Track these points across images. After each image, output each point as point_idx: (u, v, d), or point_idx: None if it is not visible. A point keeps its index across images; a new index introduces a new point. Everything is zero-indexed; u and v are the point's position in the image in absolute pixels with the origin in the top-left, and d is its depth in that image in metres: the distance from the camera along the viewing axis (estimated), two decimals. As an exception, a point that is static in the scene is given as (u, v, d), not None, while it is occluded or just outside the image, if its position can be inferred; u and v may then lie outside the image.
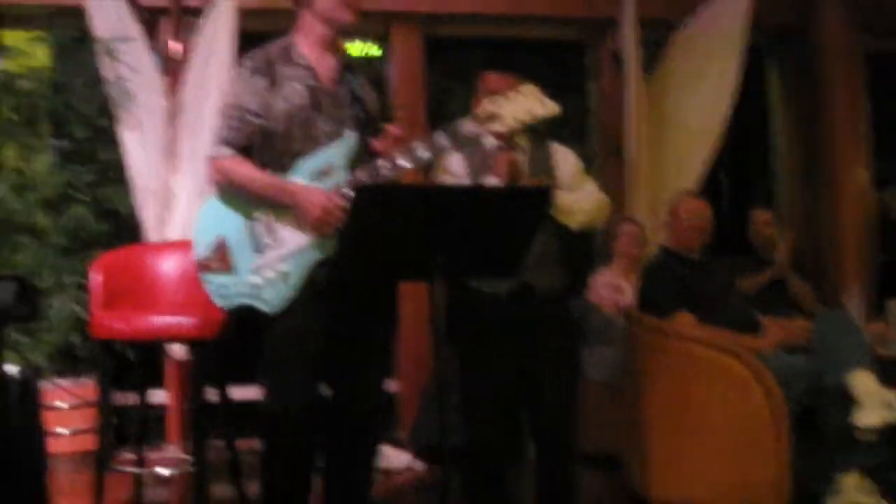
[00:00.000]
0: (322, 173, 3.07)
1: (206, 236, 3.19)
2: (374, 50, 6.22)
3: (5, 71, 5.41)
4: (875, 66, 6.53)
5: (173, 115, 5.26)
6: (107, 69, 5.16)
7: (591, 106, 6.30)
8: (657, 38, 5.98)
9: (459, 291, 3.51)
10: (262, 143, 3.17)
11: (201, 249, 3.18)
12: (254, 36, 5.30)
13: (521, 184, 3.45)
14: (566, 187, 3.67)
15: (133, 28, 5.30)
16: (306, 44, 3.24)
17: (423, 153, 2.99)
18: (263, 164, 3.17)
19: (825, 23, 6.29)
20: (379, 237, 2.81)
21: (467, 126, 2.94)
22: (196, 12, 5.45)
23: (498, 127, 2.88)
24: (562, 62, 6.47)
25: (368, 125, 3.21)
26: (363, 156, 3.13)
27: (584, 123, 6.22)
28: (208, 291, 3.17)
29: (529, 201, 2.96)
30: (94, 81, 5.27)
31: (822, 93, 6.33)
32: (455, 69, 6.31)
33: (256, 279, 3.10)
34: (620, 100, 5.83)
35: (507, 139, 3.37)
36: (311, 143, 3.13)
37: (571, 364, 3.76)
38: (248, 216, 3.15)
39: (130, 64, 5.19)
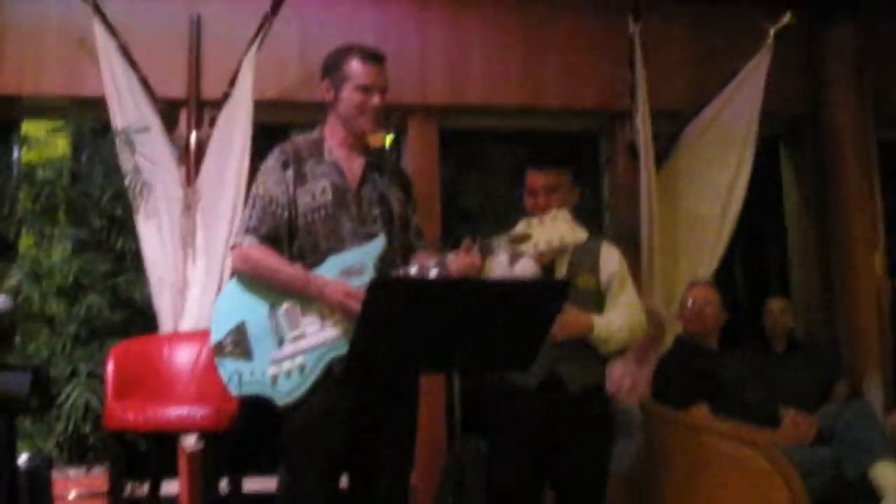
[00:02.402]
0: (351, 272, 3.10)
1: (226, 320, 3.19)
2: (385, 140, 6.28)
3: (25, 161, 5.49)
4: (888, 152, 6.57)
5: (190, 206, 5.29)
6: (125, 159, 5.20)
7: (605, 197, 6.32)
8: (671, 129, 6.01)
9: (489, 382, 3.52)
10: (289, 236, 3.21)
11: (219, 333, 3.18)
12: (270, 128, 5.42)
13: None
14: (605, 288, 3.69)
15: (151, 119, 5.36)
16: (334, 141, 3.31)
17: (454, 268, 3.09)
18: (290, 258, 3.20)
19: (837, 111, 6.32)
20: (396, 330, 2.81)
21: (501, 245, 3.06)
22: (213, 104, 5.52)
23: (529, 249, 3.02)
24: (576, 153, 6.51)
25: (393, 223, 3.26)
26: (393, 257, 3.20)
27: (599, 214, 6.23)
28: (221, 376, 3.16)
29: (547, 295, 2.96)
30: (112, 171, 5.31)
31: (835, 180, 6.34)
32: (468, 160, 6.36)
33: (275, 370, 3.09)
34: (635, 190, 5.85)
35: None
36: (336, 240, 3.16)
37: (600, 462, 3.73)
38: (273, 306, 3.15)
39: (148, 154, 5.24)
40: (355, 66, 3.27)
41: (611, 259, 3.81)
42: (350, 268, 3.11)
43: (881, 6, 6.40)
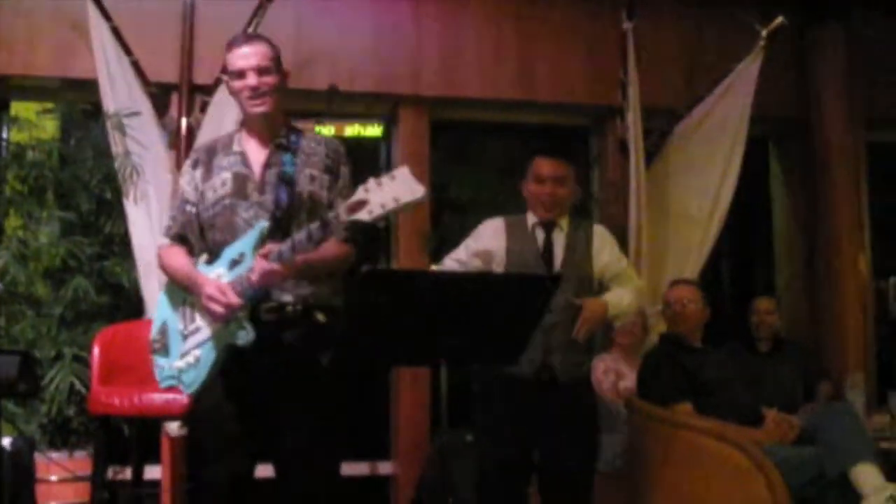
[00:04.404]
0: (236, 262, 3.08)
1: (158, 319, 3.28)
2: (374, 131, 6.26)
3: (14, 142, 5.46)
4: (875, 156, 6.62)
5: (178, 190, 5.27)
6: (115, 143, 5.19)
7: (594, 192, 6.33)
8: (662, 126, 6.03)
9: (479, 372, 3.53)
10: (200, 232, 3.24)
11: (154, 331, 3.27)
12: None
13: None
14: (601, 270, 3.74)
15: (142, 103, 5.35)
16: (247, 130, 3.30)
17: (300, 242, 2.94)
18: (204, 253, 3.24)
19: (826, 113, 6.36)
20: (384, 321, 2.81)
21: (339, 216, 2.84)
22: (204, 89, 5.51)
23: (364, 215, 2.77)
24: (567, 148, 6.51)
25: (295, 207, 3.16)
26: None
27: (588, 210, 6.24)
28: (153, 370, 3.24)
29: (537, 288, 2.97)
30: (102, 154, 5.30)
31: (823, 181, 6.38)
32: (458, 152, 6.36)
33: (180, 363, 3.15)
34: (624, 187, 5.87)
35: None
36: (232, 230, 3.15)
37: (588, 453, 3.78)
38: (181, 304, 3.22)
39: (138, 138, 5.22)
40: (228, 56, 3.25)
41: (605, 243, 3.94)
42: (234, 258, 3.09)
43: (871, 10, 6.44)
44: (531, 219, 3.89)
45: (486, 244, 3.84)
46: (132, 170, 5.16)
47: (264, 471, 3.20)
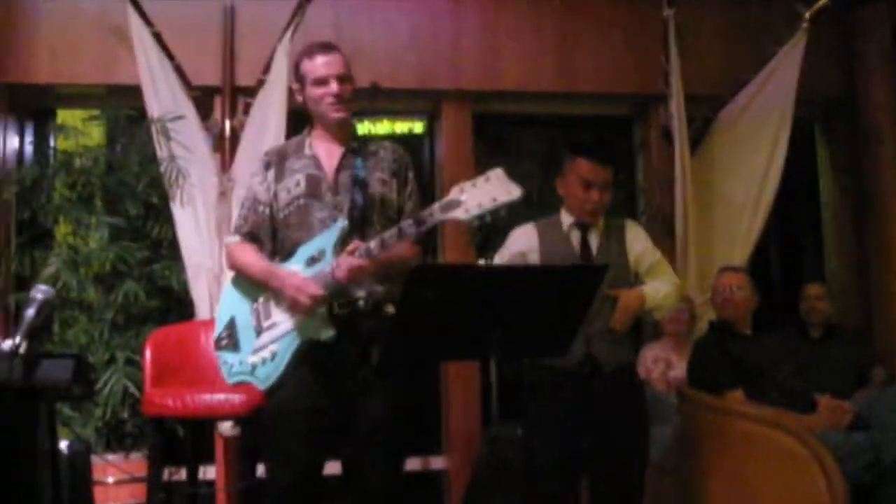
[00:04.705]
0: (314, 259, 3.18)
1: (223, 316, 3.37)
2: (417, 126, 6.29)
3: (62, 150, 5.53)
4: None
5: (224, 193, 5.32)
6: (160, 147, 5.24)
7: (639, 182, 6.30)
8: (706, 113, 5.98)
9: (524, 367, 3.53)
10: (273, 232, 3.35)
11: (219, 328, 3.36)
12: (304, 114, 5.42)
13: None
14: (636, 262, 3.74)
15: (186, 107, 5.39)
16: (318, 134, 3.43)
17: (391, 239, 3.07)
18: (274, 252, 3.35)
19: (872, 94, 6.26)
20: (433, 317, 2.82)
21: (433, 214, 2.98)
22: (248, 91, 5.54)
23: (460, 214, 2.91)
24: (610, 138, 6.48)
25: (368, 208, 3.28)
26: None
27: (634, 199, 6.21)
28: (220, 367, 3.34)
29: (584, 279, 2.97)
30: (148, 159, 5.36)
31: (871, 164, 6.28)
32: (500, 144, 6.35)
33: (254, 359, 3.23)
34: (669, 175, 5.83)
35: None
36: (307, 229, 3.27)
37: (639, 443, 3.76)
38: (254, 300, 3.31)
39: (183, 142, 5.27)
40: (306, 64, 3.39)
41: (638, 236, 3.91)
42: (313, 255, 3.19)
43: (916, -12, 6.34)
44: (566, 219, 3.85)
45: (520, 247, 3.83)
46: (178, 173, 5.22)
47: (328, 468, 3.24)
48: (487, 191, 2.88)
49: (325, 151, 3.39)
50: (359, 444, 3.24)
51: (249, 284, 3.32)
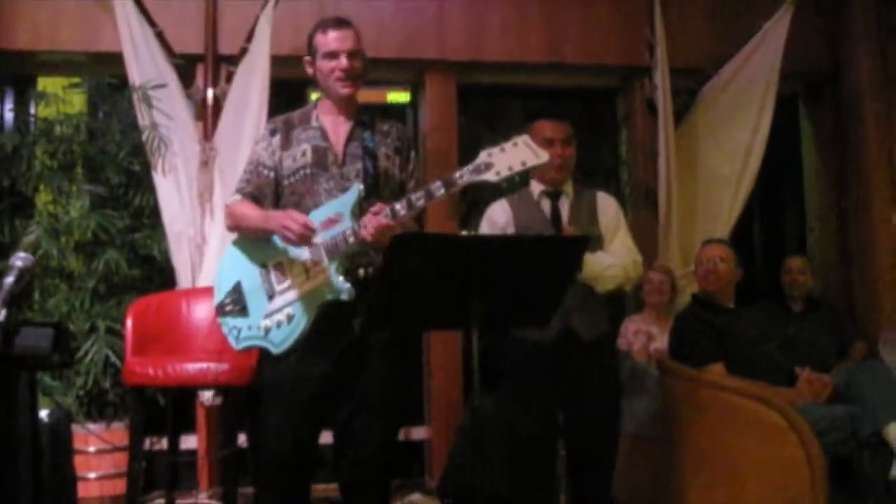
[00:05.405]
0: (331, 221, 3.22)
1: (225, 282, 3.38)
2: (402, 97, 6.26)
3: (42, 117, 5.49)
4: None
5: (207, 162, 5.29)
6: (142, 115, 5.20)
7: (623, 154, 6.29)
8: (690, 86, 5.98)
9: (503, 338, 3.53)
10: (276, 196, 3.40)
11: (220, 294, 3.37)
12: (286, 83, 5.40)
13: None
14: (605, 234, 3.73)
15: (168, 74, 5.35)
16: (325, 107, 3.48)
17: (419, 201, 3.13)
18: None
19: (857, 69, 6.26)
20: (415, 286, 2.82)
21: (462, 176, 3.08)
22: (230, 59, 5.51)
23: (490, 176, 3.04)
24: (594, 110, 6.47)
25: (378, 178, 3.36)
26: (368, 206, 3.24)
27: (617, 171, 6.20)
28: (223, 332, 3.36)
29: (566, 250, 2.97)
30: (129, 127, 5.33)
31: (854, 139, 6.29)
32: (485, 115, 6.33)
33: (267, 322, 3.25)
34: (653, 148, 5.83)
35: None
36: (314, 197, 3.32)
37: (613, 411, 3.79)
38: (263, 265, 3.32)
39: (165, 110, 5.23)
40: (319, 37, 3.42)
41: (608, 206, 3.92)
42: (330, 218, 3.23)
43: (903, -38, 6.33)
44: (536, 188, 3.90)
45: (497, 222, 3.85)
46: (160, 142, 5.18)
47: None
48: (516, 154, 3.02)
49: (331, 123, 3.44)
50: (355, 409, 3.28)
51: (255, 247, 3.35)
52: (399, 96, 6.27)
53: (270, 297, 3.26)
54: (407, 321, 3.05)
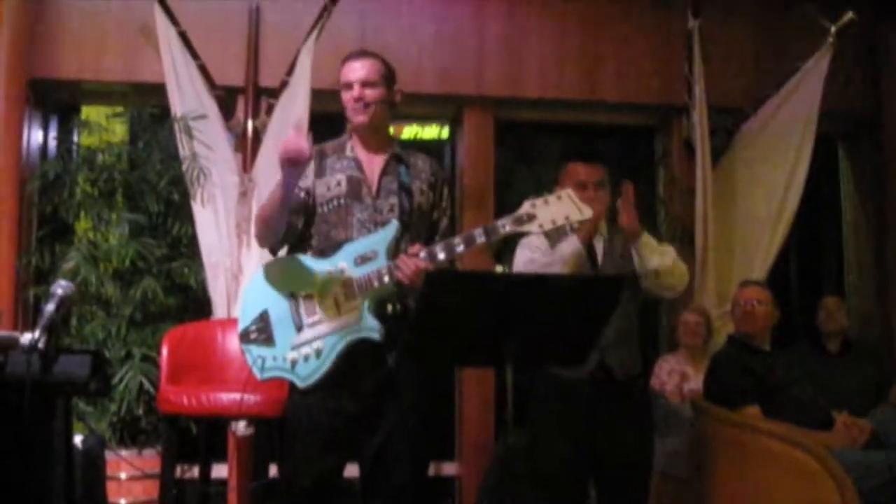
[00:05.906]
0: (365, 258, 3.22)
1: (252, 309, 3.33)
2: (441, 132, 6.30)
3: (85, 145, 5.56)
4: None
5: (245, 193, 5.33)
6: (182, 146, 5.26)
7: (660, 192, 6.27)
8: (728, 125, 5.97)
9: (537, 374, 3.52)
10: (307, 219, 3.39)
11: (246, 322, 3.32)
12: (326, 116, 5.44)
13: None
14: (641, 271, 3.71)
15: (209, 106, 5.42)
16: (356, 141, 3.48)
17: (459, 246, 3.14)
18: (306, 242, 3.40)
19: (897, 112, 6.24)
20: (450, 323, 2.82)
21: (505, 226, 3.08)
22: (270, 92, 5.56)
23: (533, 228, 3.06)
24: (632, 148, 6.47)
25: (412, 214, 3.36)
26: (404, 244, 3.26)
27: (654, 210, 6.18)
28: (248, 361, 3.30)
29: (602, 291, 2.96)
30: (170, 157, 5.39)
31: (893, 180, 6.25)
32: (522, 151, 6.34)
33: (294, 355, 3.21)
34: (690, 186, 5.82)
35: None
36: (346, 227, 3.32)
37: (645, 451, 3.75)
38: (293, 295, 3.28)
39: (205, 141, 5.29)
40: (342, 68, 3.46)
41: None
42: (363, 255, 3.22)
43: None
44: None
45: (539, 248, 3.81)
46: (199, 172, 5.24)
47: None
48: (560, 208, 3.03)
49: (365, 155, 3.44)
50: (383, 443, 3.26)
51: (285, 277, 3.30)
52: (437, 132, 6.30)
53: (299, 328, 3.23)
54: (442, 358, 3.05)
